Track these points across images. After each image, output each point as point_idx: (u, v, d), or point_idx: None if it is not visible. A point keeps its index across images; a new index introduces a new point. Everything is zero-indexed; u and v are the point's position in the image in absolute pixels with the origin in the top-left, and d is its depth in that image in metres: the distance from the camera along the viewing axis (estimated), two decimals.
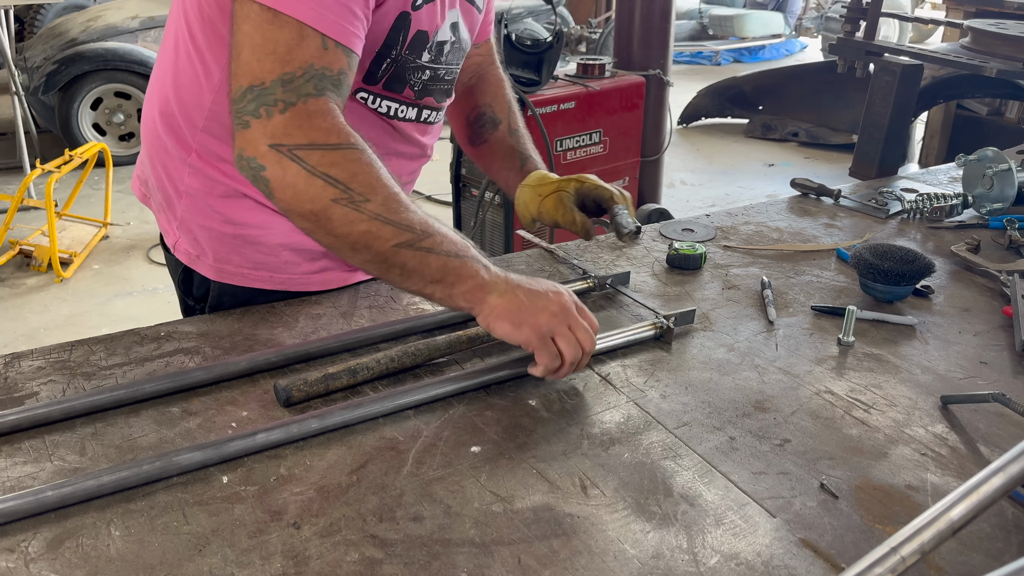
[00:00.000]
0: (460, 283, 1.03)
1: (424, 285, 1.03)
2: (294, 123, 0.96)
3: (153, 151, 1.26)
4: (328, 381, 1.06)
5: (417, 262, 1.01)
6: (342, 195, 0.97)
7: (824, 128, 6.39)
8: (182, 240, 1.27)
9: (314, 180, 0.96)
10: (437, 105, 1.32)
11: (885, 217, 1.74)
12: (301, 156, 0.96)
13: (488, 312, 1.04)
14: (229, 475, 0.93)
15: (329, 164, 0.97)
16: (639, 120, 3.84)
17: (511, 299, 1.05)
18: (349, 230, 0.98)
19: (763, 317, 1.30)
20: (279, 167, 0.96)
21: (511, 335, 1.04)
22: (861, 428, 1.04)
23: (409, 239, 1.00)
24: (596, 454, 0.97)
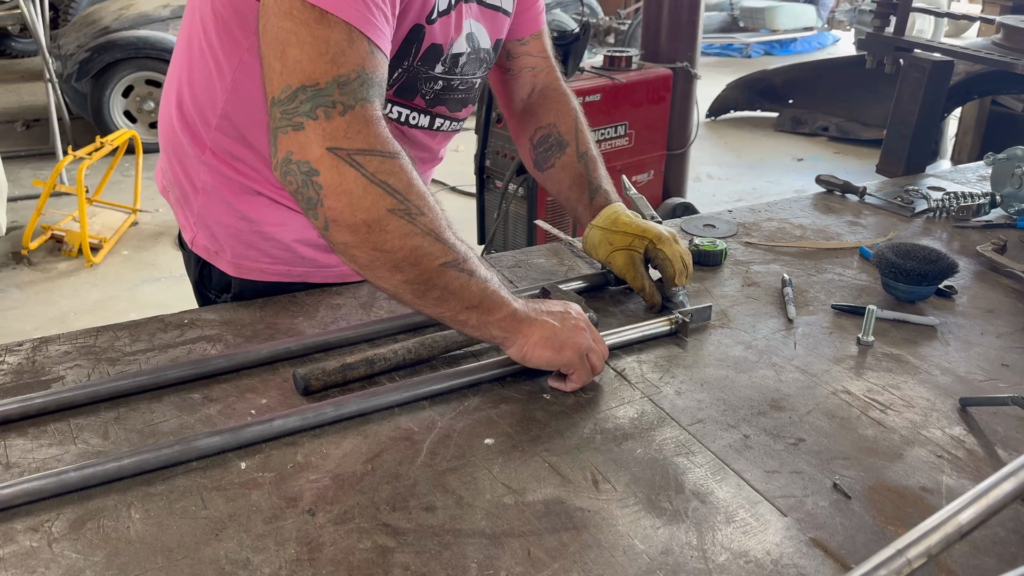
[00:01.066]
0: (496, 310, 1.02)
1: (460, 311, 1.00)
2: (354, 127, 0.92)
3: (170, 146, 1.28)
4: (346, 371, 1.08)
5: (459, 284, 0.98)
6: (399, 205, 0.93)
7: (855, 123, 6.31)
8: (200, 236, 1.29)
9: (372, 188, 0.91)
10: (451, 115, 1.31)
11: (911, 216, 1.72)
12: (360, 162, 0.91)
13: (524, 342, 1.04)
14: (247, 461, 0.95)
15: (387, 172, 0.93)
16: (666, 113, 3.82)
17: (546, 327, 1.05)
18: (401, 244, 0.93)
19: (782, 315, 1.30)
20: (335, 172, 0.90)
21: (553, 360, 1.04)
22: (877, 429, 1.03)
23: (455, 259, 0.98)
24: (609, 449, 0.98)
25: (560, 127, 1.41)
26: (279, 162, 0.93)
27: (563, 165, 1.39)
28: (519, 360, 1.06)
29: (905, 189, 1.82)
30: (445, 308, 1.00)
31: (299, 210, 1.25)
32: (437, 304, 0.99)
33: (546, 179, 1.42)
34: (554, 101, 1.43)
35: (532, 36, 1.41)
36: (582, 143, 1.40)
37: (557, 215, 3.44)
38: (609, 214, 1.32)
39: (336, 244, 0.95)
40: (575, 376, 1.07)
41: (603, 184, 1.37)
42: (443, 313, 1.01)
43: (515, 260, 1.48)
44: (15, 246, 3.81)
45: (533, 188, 3.27)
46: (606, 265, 1.32)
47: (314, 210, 0.93)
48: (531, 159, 1.44)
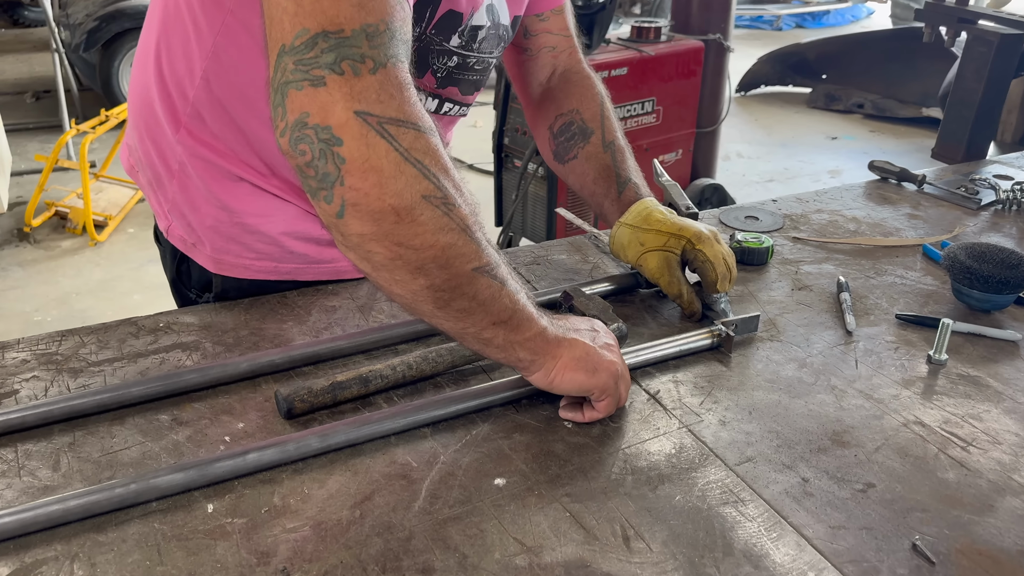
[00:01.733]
0: (526, 328, 0.85)
1: (485, 327, 0.83)
2: (387, 90, 0.73)
3: (142, 121, 1.12)
4: (336, 391, 0.93)
5: (490, 295, 0.81)
6: (436, 192, 0.75)
7: (891, 100, 6.06)
8: (175, 225, 1.14)
9: (406, 167, 0.73)
10: (462, 99, 1.15)
11: (976, 208, 1.54)
12: (393, 133, 0.73)
13: (553, 365, 0.88)
14: (215, 502, 0.80)
15: (424, 150, 0.74)
16: (696, 88, 3.63)
17: (577, 346, 0.89)
18: (433, 240, 0.76)
19: (839, 325, 1.13)
20: (363, 144, 0.72)
21: (586, 384, 0.89)
22: (959, 471, 0.87)
23: (488, 264, 0.80)
24: (642, 494, 0.82)
25: (584, 113, 1.24)
26: (289, 125, 0.73)
27: (587, 156, 1.22)
28: (545, 387, 0.90)
29: (969, 178, 1.64)
30: (469, 323, 0.82)
31: (287, 199, 1.10)
32: (460, 317, 0.82)
33: (568, 172, 1.26)
34: (577, 85, 1.27)
35: (553, 12, 1.25)
36: (608, 131, 1.23)
37: (578, 198, 3.27)
38: (640, 210, 1.16)
39: (349, 236, 0.76)
40: (603, 404, 0.91)
41: (632, 176, 1.21)
42: (465, 329, 0.83)
43: (533, 256, 1.32)
44: (19, 223, 3.70)
45: None
46: (637, 268, 1.16)
47: (329, 190, 0.73)
48: (551, 150, 1.28)
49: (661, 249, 1.12)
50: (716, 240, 1.12)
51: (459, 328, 0.83)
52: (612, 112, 1.27)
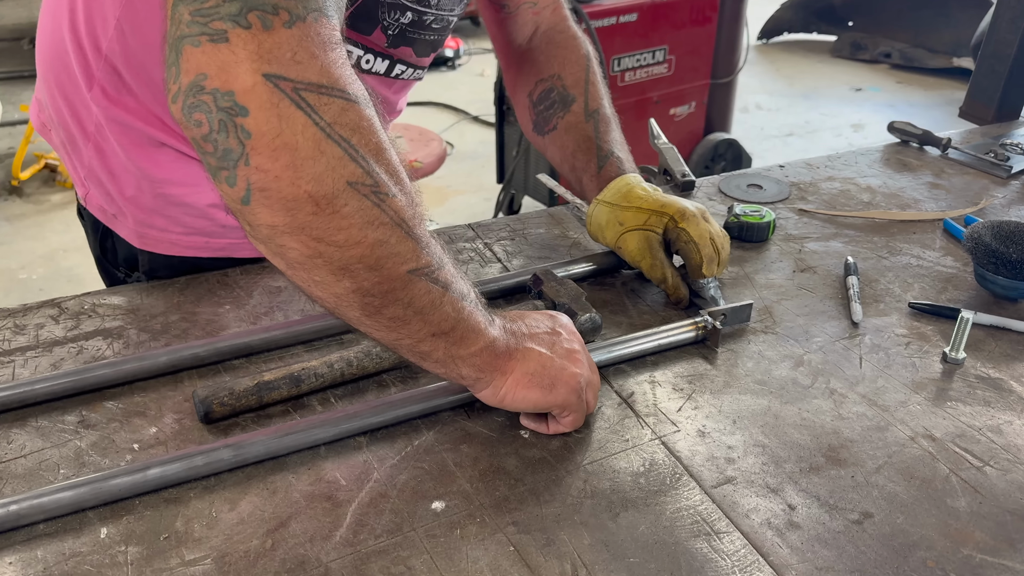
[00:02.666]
0: (470, 341, 0.73)
1: (423, 338, 0.71)
2: (306, 48, 0.58)
3: (51, 73, 0.99)
4: (262, 392, 0.82)
5: (429, 301, 0.69)
6: (365, 177, 0.62)
7: (921, 49, 5.77)
8: (94, 193, 1.02)
9: (328, 145, 0.60)
10: (416, 61, 1.01)
11: (1006, 176, 1.39)
12: (313, 103, 0.59)
13: (502, 383, 0.76)
14: (110, 525, 0.70)
15: (352, 125, 0.61)
16: (711, 36, 3.43)
17: (531, 357, 0.77)
18: (360, 236, 0.63)
19: (845, 315, 1.01)
20: (274, 115, 0.57)
21: (541, 402, 0.77)
22: (972, 498, 0.75)
23: (427, 264, 0.68)
24: (601, 524, 0.71)
25: (566, 79, 1.10)
26: (183, 89, 0.59)
27: (566, 126, 1.08)
28: (495, 404, 0.79)
29: (999, 142, 1.49)
30: (403, 334, 0.70)
31: None
32: (393, 327, 0.69)
33: (547, 145, 1.12)
34: (560, 46, 1.12)
35: None
36: (592, 98, 1.09)
37: None
38: (620, 187, 1.02)
39: (258, 227, 0.63)
40: (568, 419, 0.80)
41: (616, 150, 1.07)
42: (398, 340, 0.71)
43: (509, 230, 1.20)
44: (9, 176, 3.60)
45: None
46: (616, 251, 1.03)
47: (231, 170, 0.59)
48: (530, 120, 1.14)
49: (641, 228, 0.99)
50: (703, 218, 0.99)
51: (392, 339, 0.71)
52: (599, 76, 1.13)
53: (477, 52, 5.50)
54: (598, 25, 2.92)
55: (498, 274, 1.07)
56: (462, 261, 1.11)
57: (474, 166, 4.09)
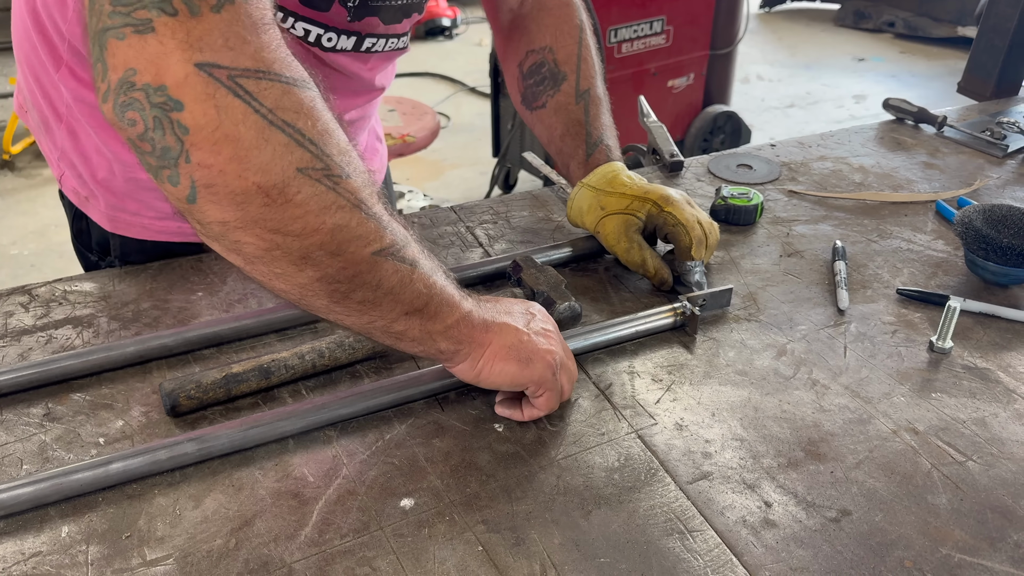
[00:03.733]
0: (445, 315, 0.71)
1: (396, 318, 0.68)
2: (236, 31, 0.55)
3: (23, 55, 0.97)
4: (230, 384, 0.80)
5: (398, 280, 0.67)
6: (315, 162, 0.59)
7: (925, 18, 5.68)
8: (68, 175, 1.00)
9: (272, 133, 0.56)
10: (388, 30, 0.96)
11: (1002, 156, 1.36)
12: (251, 90, 0.55)
13: (480, 355, 0.75)
14: (71, 523, 0.69)
15: (294, 108, 0.58)
16: (710, 5, 3.37)
17: (507, 332, 0.76)
18: (318, 223, 0.60)
19: (831, 302, 0.98)
20: (211, 106, 0.54)
21: (519, 376, 0.76)
22: (953, 494, 0.73)
23: (392, 243, 0.65)
24: (572, 522, 0.70)
25: (558, 53, 1.06)
26: (112, 87, 0.55)
27: (556, 107, 1.05)
28: (471, 379, 0.77)
29: (997, 120, 1.45)
30: (375, 316, 0.68)
31: None
32: (364, 311, 0.67)
33: (535, 121, 1.09)
34: (552, 13, 1.08)
35: None
36: (584, 77, 1.05)
37: None
38: (606, 172, 1.00)
39: (208, 225, 0.59)
40: (542, 399, 0.78)
41: (605, 137, 1.04)
42: (371, 323, 0.68)
43: (492, 213, 1.17)
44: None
45: None
46: (596, 235, 1.01)
47: (172, 168, 0.56)
48: (519, 92, 1.10)
49: (622, 212, 0.97)
50: (688, 203, 0.97)
51: (364, 323, 0.69)
52: (593, 50, 1.09)
53: (475, 21, 5.42)
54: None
55: (479, 259, 1.05)
56: (443, 245, 1.09)
57: (470, 139, 4.04)
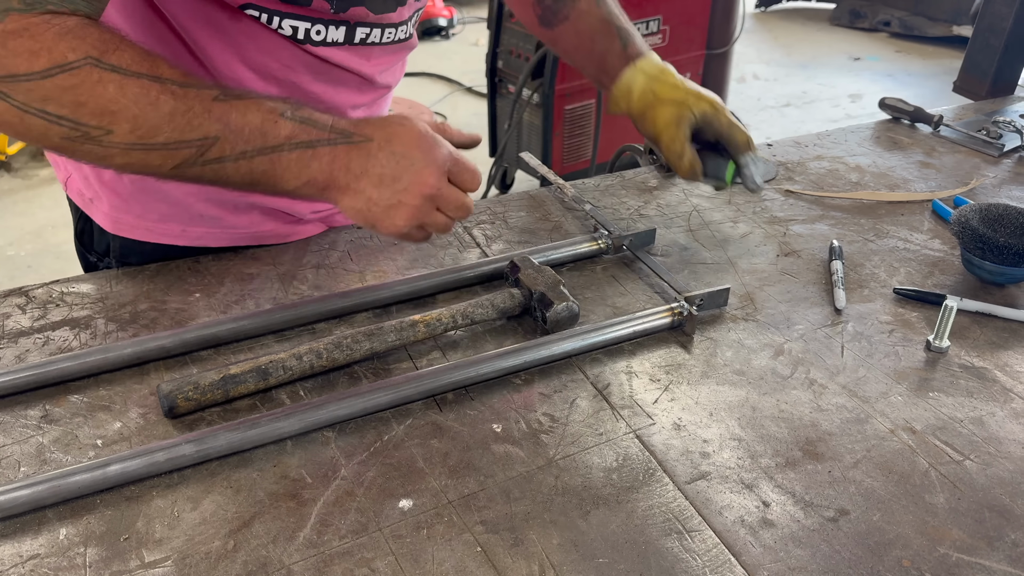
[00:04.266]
0: (282, 182, 0.79)
1: (242, 193, 0.83)
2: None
3: None
4: (227, 386, 0.80)
5: (213, 175, 0.77)
6: (73, 131, 0.72)
7: (920, 17, 5.70)
8: (74, 177, 1.00)
9: (30, 119, 0.71)
10: (379, 19, 0.94)
11: (998, 155, 1.36)
12: (5, 91, 0.70)
13: (339, 208, 0.83)
14: (69, 525, 0.69)
15: (41, 99, 0.70)
16: (706, 5, 3.38)
17: (357, 196, 0.81)
18: (108, 164, 0.75)
19: (828, 301, 0.99)
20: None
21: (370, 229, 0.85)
22: (951, 493, 0.74)
23: (187, 157, 0.75)
24: (571, 522, 0.70)
25: None
26: None
27: (579, 14, 1.09)
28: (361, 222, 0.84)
29: (992, 119, 1.46)
30: (227, 188, 0.80)
31: None
32: (217, 184, 0.79)
33: (558, 36, 1.11)
34: None
35: None
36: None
37: (576, 128, 3.07)
38: (657, 63, 1.05)
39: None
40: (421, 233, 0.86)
41: (635, 34, 1.08)
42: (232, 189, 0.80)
43: (490, 214, 1.17)
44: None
45: (549, 95, 2.90)
46: (636, 119, 1.05)
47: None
48: (535, 16, 1.12)
49: (678, 103, 1.01)
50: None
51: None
52: None
53: (471, 21, 5.41)
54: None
55: (477, 259, 1.05)
56: (440, 246, 1.09)
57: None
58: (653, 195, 1.22)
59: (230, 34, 0.88)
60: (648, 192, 1.23)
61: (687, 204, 1.19)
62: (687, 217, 1.16)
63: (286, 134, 0.77)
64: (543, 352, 0.86)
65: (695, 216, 1.16)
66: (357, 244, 1.07)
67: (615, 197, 1.21)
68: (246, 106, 0.75)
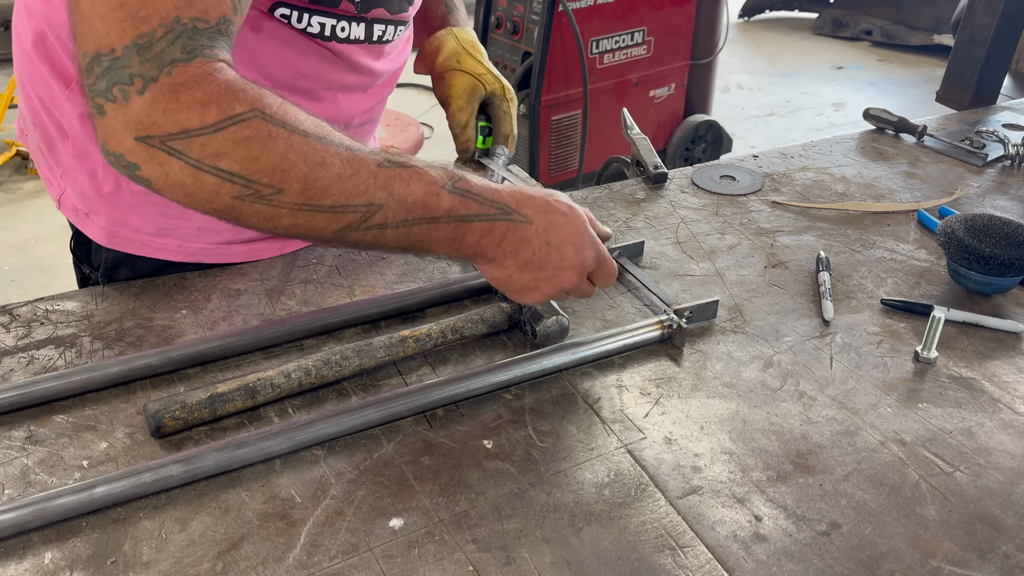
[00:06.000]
0: (435, 249, 0.79)
1: (399, 254, 0.91)
2: (159, 106, 0.66)
3: (26, 77, 0.98)
4: (215, 404, 0.79)
5: (372, 240, 0.76)
6: (244, 191, 0.69)
7: (902, 26, 5.76)
8: (69, 193, 1.00)
9: (204, 177, 0.68)
10: (394, 17, 0.98)
11: (982, 165, 1.37)
12: (179, 149, 0.68)
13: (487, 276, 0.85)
14: (55, 548, 0.68)
15: (215, 155, 0.68)
16: (690, 16, 3.39)
17: (500, 269, 0.82)
18: (273, 225, 0.72)
19: (816, 313, 0.99)
20: (156, 165, 0.68)
21: (531, 296, 0.85)
22: (942, 505, 0.74)
23: (351, 222, 0.73)
24: (563, 540, 0.69)
25: None
26: (101, 148, 0.70)
27: None
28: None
29: (976, 129, 1.47)
30: (375, 250, 0.89)
31: None
32: (369, 249, 0.80)
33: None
34: None
35: None
36: None
37: (563, 139, 3.08)
38: (469, 36, 1.13)
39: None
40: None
41: (461, 10, 1.19)
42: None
43: None
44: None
45: (535, 106, 2.90)
46: (434, 77, 1.13)
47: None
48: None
49: (475, 75, 1.09)
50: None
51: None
52: None
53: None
54: (576, 7, 2.88)
55: (466, 273, 1.05)
56: (430, 260, 1.08)
57: (453, 149, 4.04)
58: (641, 207, 1.22)
59: (249, 45, 0.89)
60: (636, 204, 1.23)
61: (675, 216, 1.20)
62: (675, 229, 1.16)
63: (447, 207, 0.76)
64: (533, 367, 0.86)
65: (683, 228, 1.16)
66: (345, 258, 1.06)
67: (603, 209, 1.21)
68: (410, 175, 0.74)
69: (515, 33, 3.00)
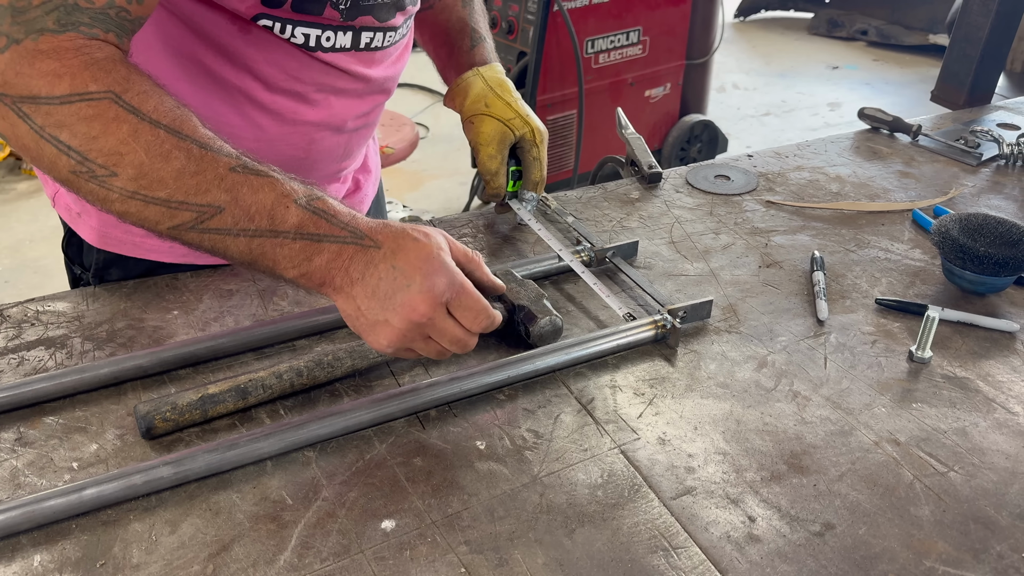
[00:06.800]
0: (279, 268, 0.74)
1: (249, 271, 0.82)
2: (13, 67, 0.68)
3: None
4: (206, 406, 0.79)
5: (213, 245, 0.73)
6: (79, 167, 0.70)
7: (897, 26, 5.76)
8: (63, 192, 0.99)
9: (45, 145, 0.69)
10: (384, 24, 0.96)
11: (976, 164, 1.37)
12: (27, 112, 0.69)
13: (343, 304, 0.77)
14: (44, 552, 0.67)
15: (56, 125, 0.68)
16: (686, 16, 3.39)
17: (349, 302, 0.75)
18: (108, 208, 0.72)
19: (810, 312, 0.99)
20: (7, 123, 0.70)
21: (376, 342, 0.76)
22: (936, 505, 0.74)
23: (186, 220, 0.71)
24: (556, 541, 0.69)
25: None
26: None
27: (445, 6, 1.17)
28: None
29: (970, 128, 1.47)
30: (219, 257, 0.75)
31: None
32: (210, 252, 0.75)
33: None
34: None
35: None
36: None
37: (558, 138, 3.08)
38: (497, 75, 1.10)
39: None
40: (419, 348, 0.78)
41: (487, 39, 1.15)
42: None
43: (472, 227, 1.17)
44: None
45: (531, 106, 2.90)
46: (464, 121, 1.09)
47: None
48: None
49: (504, 120, 1.06)
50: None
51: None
52: None
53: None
54: (571, 6, 2.87)
55: None
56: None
57: (449, 149, 4.04)
58: (635, 207, 1.22)
59: (238, 46, 0.88)
60: (630, 204, 1.23)
61: (669, 216, 1.19)
62: (669, 229, 1.16)
63: (294, 222, 0.72)
64: (527, 367, 0.85)
65: (677, 228, 1.16)
66: None
67: (597, 209, 1.21)
68: (261, 184, 0.71)
69: (510, 33, 3.00)
